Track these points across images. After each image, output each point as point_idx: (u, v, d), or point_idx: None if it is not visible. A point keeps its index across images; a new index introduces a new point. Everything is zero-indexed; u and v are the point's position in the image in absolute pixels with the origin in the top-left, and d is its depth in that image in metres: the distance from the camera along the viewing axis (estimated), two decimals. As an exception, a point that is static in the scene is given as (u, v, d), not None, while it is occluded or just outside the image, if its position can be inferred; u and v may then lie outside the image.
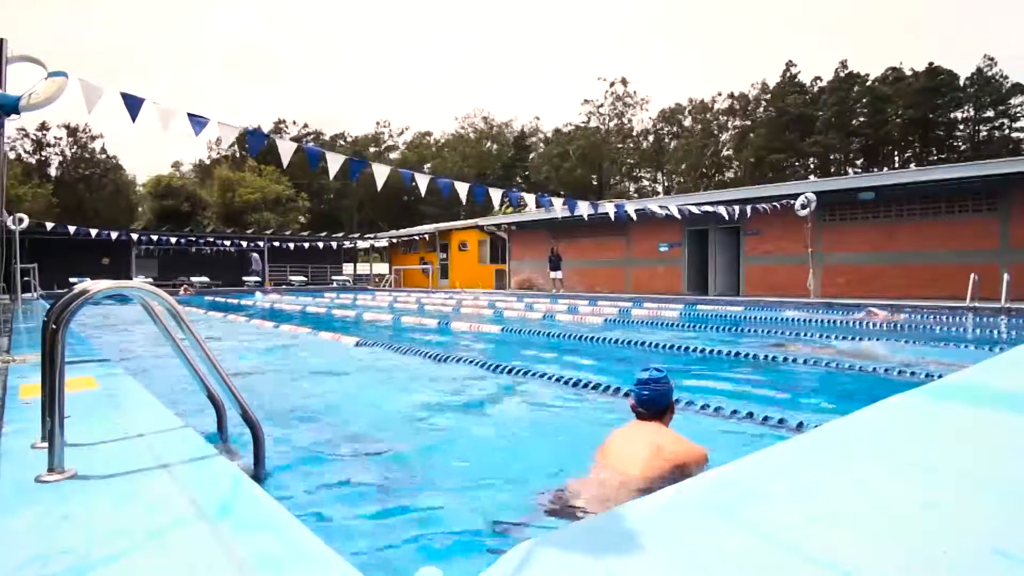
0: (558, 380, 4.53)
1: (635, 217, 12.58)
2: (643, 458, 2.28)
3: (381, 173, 7.27)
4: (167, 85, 75.36)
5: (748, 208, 14.14)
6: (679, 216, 13.37)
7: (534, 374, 4.81)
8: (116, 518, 1.41)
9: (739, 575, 1.12)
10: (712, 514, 1.39)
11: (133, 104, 5.28)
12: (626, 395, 2.61)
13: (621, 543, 1.24)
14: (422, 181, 7.90)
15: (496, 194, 8.68)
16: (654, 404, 2.52)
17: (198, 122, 5.73)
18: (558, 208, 10.16)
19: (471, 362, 5.52)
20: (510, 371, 5.00)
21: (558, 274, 19.35)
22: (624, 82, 56.82)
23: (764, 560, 1.17)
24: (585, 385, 4.31)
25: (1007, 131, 43.40)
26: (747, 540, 1.25)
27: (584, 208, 10.54)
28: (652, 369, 2.59)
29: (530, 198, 9.64)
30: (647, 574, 1.12)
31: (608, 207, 11.78)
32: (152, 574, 1.15)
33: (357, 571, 1.14)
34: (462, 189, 8.26)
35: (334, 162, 6.79)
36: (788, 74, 50.11)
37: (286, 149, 6.55)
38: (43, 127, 45.54)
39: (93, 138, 47.10)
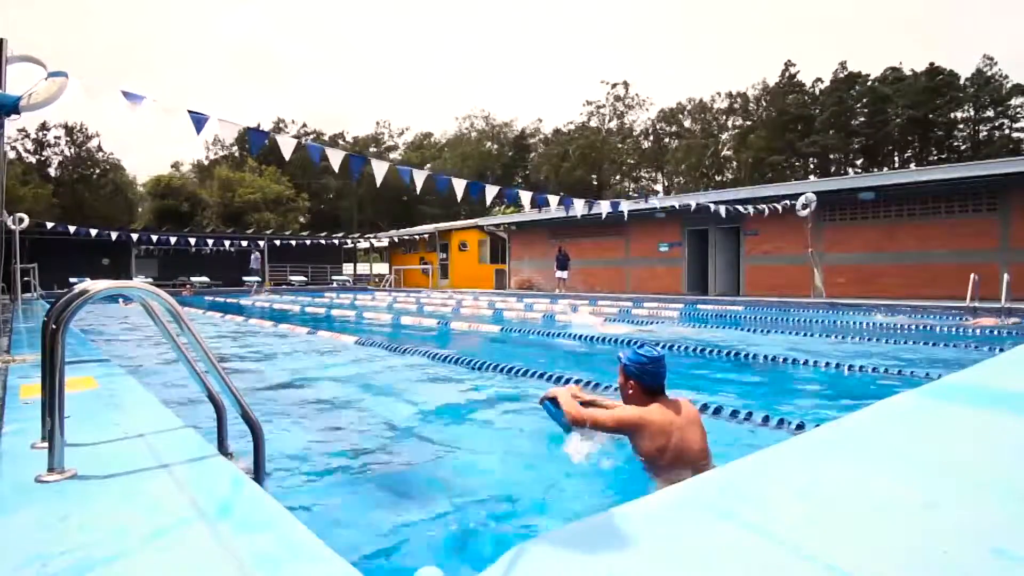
0: (558, 380, 4.53)
1: (626, 215, 12.62)
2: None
3: (380, 170, 7.30)
4: (168, 86, 75.43)
5: (750, 208, 14.17)
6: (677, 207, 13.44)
7: (533, 374, 4.81)
8: (116, 518, 1.41)
9: (739, 575, 1.12)
10: (712, 514, 1.39)
11: (134, 101, 5.30)
12: (649, 373, 2.60)
13: (621, 542, 1.24)
14: (419, 178, 7.92)
15: (493, 192, 8.70)
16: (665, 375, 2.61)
17: (198, 119, 5.75)
18: (554, 206, 10.20)
19: (471, 362, 5.52)
20: (510, 371, 5.00)
21: (564, 274, 19.32)
22: (626, 85, 56.89)
23: (764, 560, 1.17)
24: (585, 384, 4.30)
25: (1007, 131, 43.39)
26: (747, 540, 1.25)
27: (579, 206, 10.58)
28: (646, 346, 2.65)
29: (526, 197, 9.66)
30: (647, 573, 1.12)
31: (603, 205, 11.83)
32: (152, 574, 1.15)
33: (357, 571, 1.14)
34: (459, 186, 8.28)
35: (335, 157, 6.82)
36: (787, 74, 50.10)
37: (287, 145, 6.58)
38: (43, 127, 45.55)
39: (89, 137, 47.09)
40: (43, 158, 46.22)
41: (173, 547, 1.25)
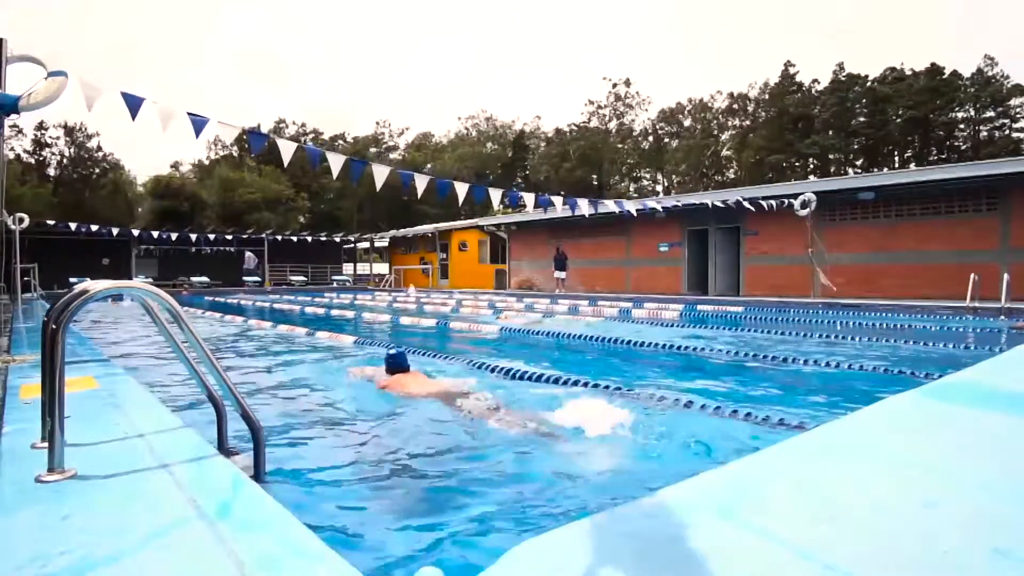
0: (556, 380, 4.53)
1: (635, 214, 12.64)
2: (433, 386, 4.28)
3: (380, 173, 7.28)
4: (168, 85, 75.37)
5: (748, 204, 14.18)
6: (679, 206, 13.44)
7: (533, 375, 4.80)
8: (116, 518, 1.41)
9: (739, 575, 1.12)
10: (712, 513, 1.39)
11: (133, 103, 5.29)
12: (391, 362, 4.50)
13: (621, 543, 1.24)
14: (421, 181, 7.90)
15: (496, 194, 8.68)
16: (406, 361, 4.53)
17: (197, 122, 5.74)
18: (558, 207, 10.16)
19: (471, 362, 5.52)
20: (510, 371, 5.00)
21: (562, 274, 19.33)
22: (627, 83, 56.81)
23: (764, 560, 1.17)
24: (585, 385, 4.30)
25: (1008, 131, 43.37)
26: (747, 540, 1.25)
27: (584, 206, 10.54)
28: (394, 348, 4.90)
29: (529, 198, 9.64)
30: (647, 573, 1.12)
31: (609, 204, 11.78)
32: (152, 574, 1.15)
33: (357, 571, 1.14)
34: (461, 189, 8.26)
35: (335, 162, 6.80)
36: (786, 74, 50.09)
37: (286, 149, 6.56)
38: (41, 126, 45.45)
39: (90, 136, 47.04)
40: (41, 158, 46.15)
41: (173, 547, 1.25)
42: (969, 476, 1.67)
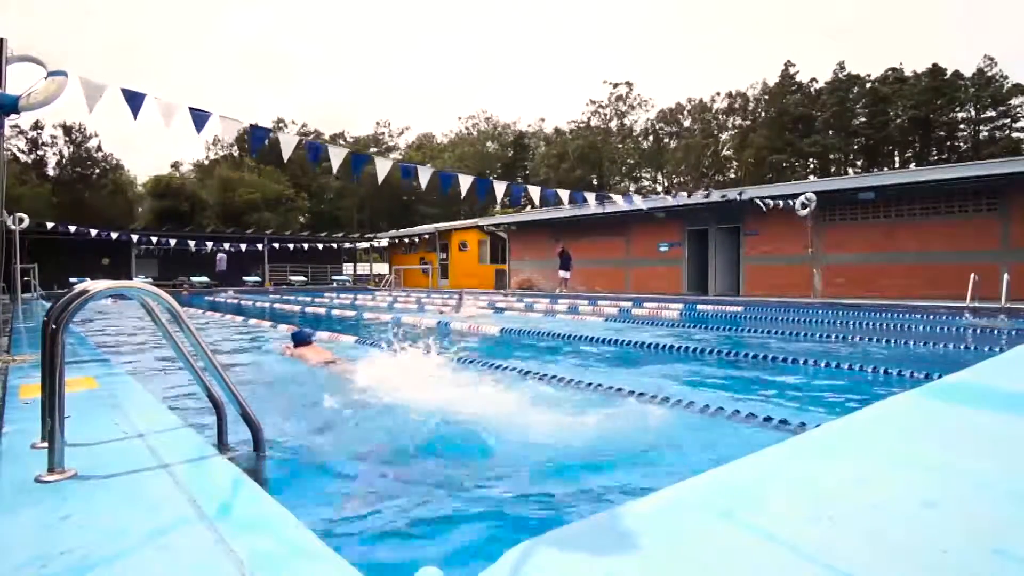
0: (559, 380, 4.53)
1: (643, 206, 12.67)
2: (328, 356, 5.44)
3: (383, 168, 7.28)
4: (167, 86, 75.42)
5: (747, 203, 14.19)
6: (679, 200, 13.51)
7: (534, 374, 4.80)
8: (116, 518, 1.41)
9: (739, 575, 1.13)
10: (712, 514, 1.39)
11: (134, 101, 5.29)
12: (294, 338, 5.76)
13: (621, 543, 1.24)
14: (424, 175, 7.88)
15: (500, 188, 8.67)
16: (310, 337, 5.80)
17: (199, 117, 5.74)
18: (565, 202, 10.14)
19: (471, 361, 5.52)
20: (510, 371, 5.00)
21: (566, 274, 19.30)
22: (629, 85, 56.83)
23: (764, 560, 1.17)
24: (587, 385, 4.30)
25: (1008, 131, 43.34)
26: (747, 540, 1.25)
27: (591, 201, 10.54)
28: (300, 327, 6.29)
29: (534, 191, 9.61)
30: (646, 574, 1.12)
31: (618, 199, 11.77)
32: (152, 574, 1.15)
33: (357, 571, 1.14)
34: (465, 182, 8.25)
35: (336, 156, 6.78)
36: (786, 74, 50.07)
37: (287, 144, 6.54)
38: (36, 126, 45.21)
39: (88, 137, 46.95)
40: (39, 157, 46.00)
41: (173, 547, 1.25)
42: (969, 476, 1.67)
